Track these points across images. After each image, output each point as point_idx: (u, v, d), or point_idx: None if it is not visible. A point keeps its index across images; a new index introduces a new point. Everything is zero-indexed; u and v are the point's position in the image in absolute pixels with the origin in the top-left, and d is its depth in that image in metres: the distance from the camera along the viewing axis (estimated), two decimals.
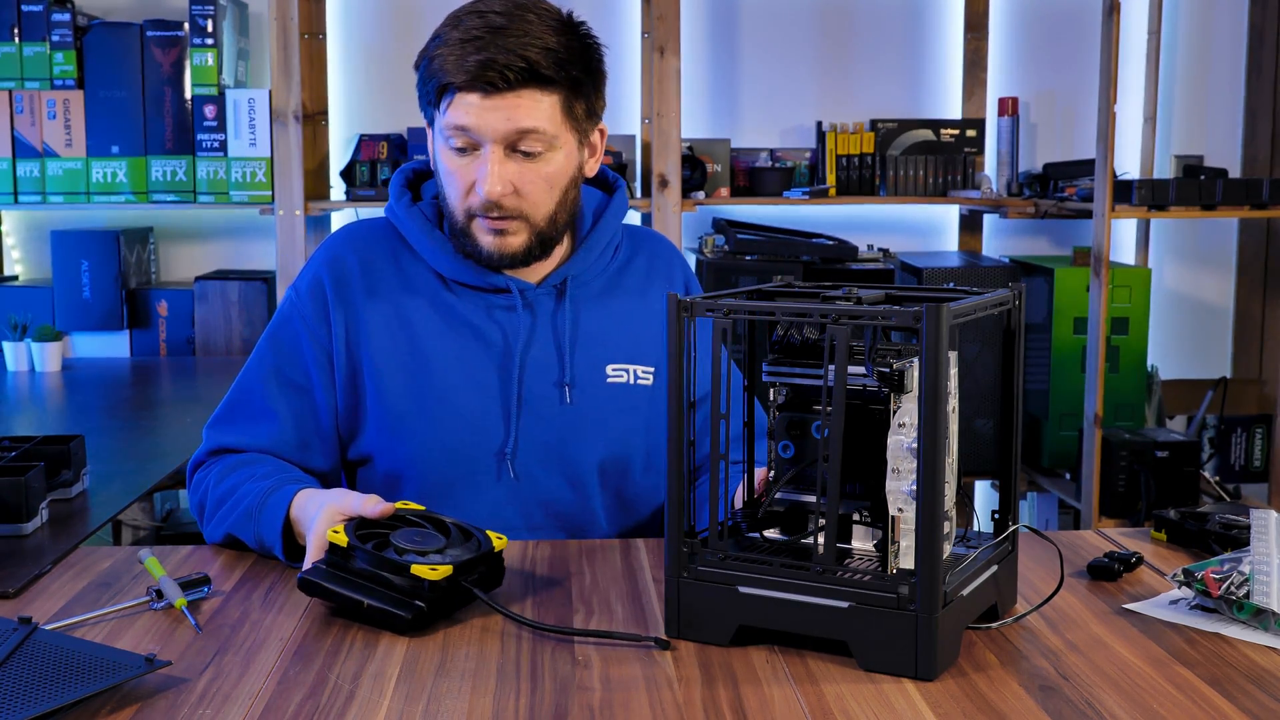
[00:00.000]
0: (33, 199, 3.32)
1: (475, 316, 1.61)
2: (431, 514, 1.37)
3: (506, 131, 1.50)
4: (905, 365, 1.15)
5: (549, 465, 1.61)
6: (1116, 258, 3.76)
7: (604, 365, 1.63)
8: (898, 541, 1.16)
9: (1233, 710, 1.07)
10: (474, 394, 1.59)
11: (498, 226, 1.55)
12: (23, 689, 1.05)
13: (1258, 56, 3.77)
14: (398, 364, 1.59)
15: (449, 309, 1.61)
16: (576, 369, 1.62)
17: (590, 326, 1.64)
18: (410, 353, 1.59)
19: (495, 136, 1.51)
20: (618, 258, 1.70)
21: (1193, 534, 1.52)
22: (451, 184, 1.56)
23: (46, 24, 3.28)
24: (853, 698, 1.09)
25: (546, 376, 1.61)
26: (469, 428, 1.59)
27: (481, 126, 1.50)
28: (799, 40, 3.73)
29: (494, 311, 1.62)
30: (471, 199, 1.55)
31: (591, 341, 1.64)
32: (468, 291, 1.62)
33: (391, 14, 3.64)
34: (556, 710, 1.07)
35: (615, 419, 1.63)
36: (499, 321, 1.61)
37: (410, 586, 1.25)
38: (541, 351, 1.61)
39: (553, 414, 1.61)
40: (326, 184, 3.54)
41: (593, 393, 1.62)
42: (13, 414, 2.73)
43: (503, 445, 1.59)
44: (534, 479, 1.60)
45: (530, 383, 1.60)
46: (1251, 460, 3.74)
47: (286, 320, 1.63)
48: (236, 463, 1.58)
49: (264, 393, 1.61)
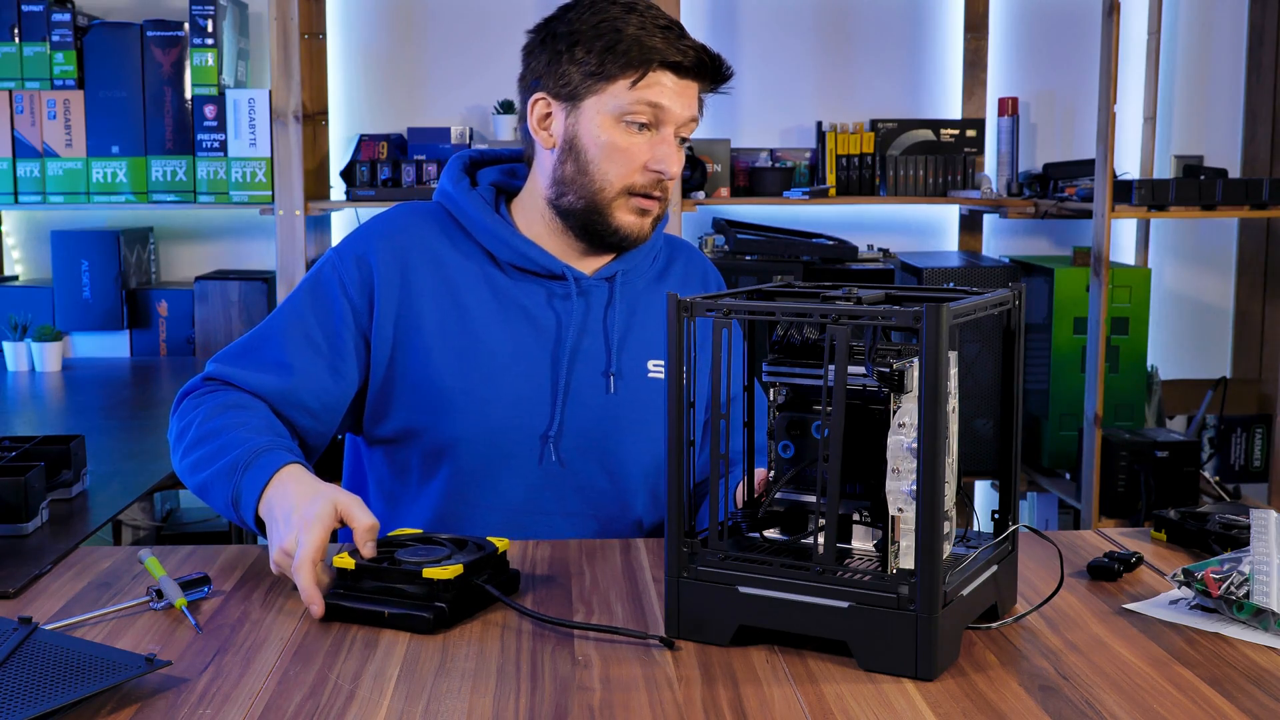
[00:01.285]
0: (33, 199, 3.32)
1: (530, 301, 1.64)
2: (428, 534, 1.38)
3: (688, 117, 1.60)
4: (905, 365, 1.15)
5: (589, 453, 1.63)
6: (1116, 258, 3.76)
7: (646, 360, 1.67)
8: (898, 541, 1.16)
9: (1233, 710, 1.07)
10: (522, 377, 1.61)
11: (647, 207, 1.62)
12: (23, 689, 1.05)
13: (1258, 56, 3.77)
14: (448, 343, 1.60)
15: (503, 292, 1.64)
16: (623, 361, 1.65)
17: (635, 321, 1.67)
18: (462, 332, 1.61)
19: (679, 120, 1.59)
20: (659, 260, 1.75)
21: (1193, 534, 1.52)
22: (617, 159, 1.58)
23: (46, 24, 3.28)
24: (853, 698, 1.09)
25: (594, 365, 1.64)
26: (515, 409, 1.60)
27: (673, 108, 1.58)
28: (799, 40, 3.73)
29: (550, 298, 1.64)
30: (639, 176, 1.59)
31: (636, 336, 1.67)
32: (524, 276, 1.64)
33: (391, 14, 3.64)
34: (556, 710, 1.07)
35: (654, 415, 1.65)
36: (554, 308, 1.64)
37: (426, 591, 1.26)
38: (591, 341, 1.64)
39: (597, 402, 1.63)
40: (326, 184, 3.54)
41: (635, 385, 1.65)
42: (13, 414, 2.73)
43: (546, 429, 1.61)
44: (574, 465, 1.62)
45: (578, 370, 1.63)
46: (1251, 460, 3.74)
47: (327, 283, 1.62)
48: (231, 402, 1.55)
49: (283, 344, 1.59)
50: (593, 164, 1.59)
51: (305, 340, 1.59)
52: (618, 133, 1.58)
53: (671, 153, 1.59)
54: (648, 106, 1.56)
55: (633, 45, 1.55)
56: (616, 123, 1.57)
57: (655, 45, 1.55)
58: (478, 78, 3.66)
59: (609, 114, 1.57)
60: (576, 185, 1.60)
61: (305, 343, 1.59)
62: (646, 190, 1.60)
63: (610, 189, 1.59)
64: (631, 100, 1.56)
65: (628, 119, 1.57)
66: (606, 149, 1.58)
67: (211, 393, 1.58)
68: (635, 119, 1.57)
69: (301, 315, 1.61)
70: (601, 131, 1.58)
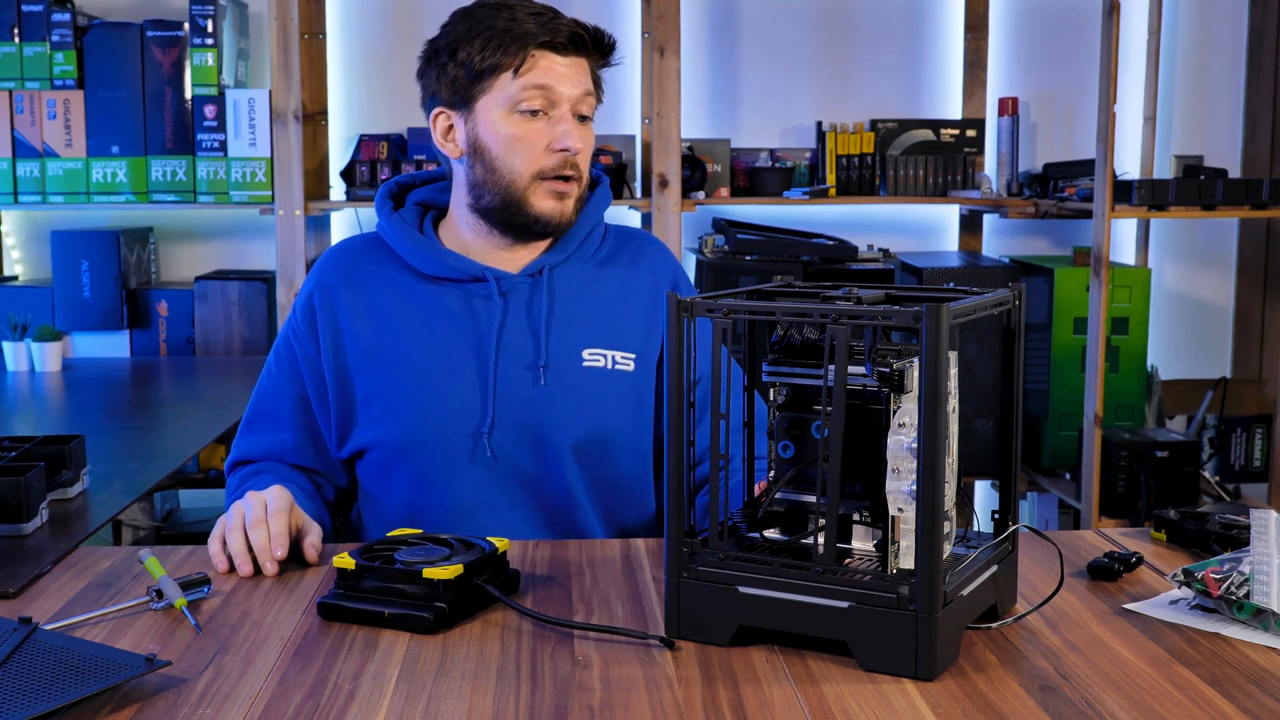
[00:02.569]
0: (33, 199, 3.32)
1: (453, 306, 1.68)
2: (429, 535, 1.38)
3: (580, 93, 1.63)
4: (905, 365, 1.15)
5: (524, 444, 1.66)
6: (1116, 258, 3.76)
7: (580, 349, 1.68)
8: (898, 541, 1.16)
9: (1233, 710, 1.07)
10: (452, 379, 1.66)
11: (563, 189, 1.65)
12: (23, 689, 1.05)
13: (1258, 56, 3.77)
14: (380, 360, 1.67)
15: (428, 302, 1.68)
16: (551, 352, 1.67)
17: (568, 313, 1.70)
18: (393, 348, 1.67)
19: (572, 97, 1.63)
20: (602, 250, 1.76)
21: (1193, 534, 1.52)
22: (519, 149, 1.63)
23: (46, 24, 3.28)
24: (853, 698, 1.09)
25: (522, 359, 1.67)
26: (449, 411, 1.65)
27: (560, 87, 1.61)
28: (799, 40, 3.73)
29: (472, 300, 1.68)
30: (545, 159, 1.63)
31: (569, 327, 1.69)
32: (447, 284, 1.69)
33: (391, 14, 3.64)
34: (556, 710, 1.07)
35: (590, 402, 1.67)
36: (475, 309, 1.68)
37: (426, 591, 1.26)
38: (518, 336, 1.67)
39: (528, 395, 1.66)
40: (326, 184, 3.54)
41: (568, 375, 1.67)
42: (13, 414, 2.73)
43: (479, 425, 1.64)
44: (510, 458, 1.65)
45: (506, 366, 1.66)
46: (1251, 460, 3.74)
47: (285, 338, 1.74)
48: (246, 474, 1.71)
49: (270, 408, 1.73)
50: (498, 159, 1.63)
51: (286, 396, 1.72)
52: (514, 124, 1.62)
53: (571, 129, 1.62)
54: (536, 90, 1.61)
55: (505, 36, 1.60)
56: (510, 114, 1.62)
57: (528, 30, 1.60)
58: None
59: (501, 108, 1.62)
60: (489, 184, 1.65)
61: (287, 398, 1.72)
62: (557, 171, 1.64)
63: (520, 179, 1.63)
64: (518, 88, 1.60)
65: (521, 108, 1.61)
66: (507, 141, 1.62)
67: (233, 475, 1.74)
68: (528, 106, 1.61)
69: (277, 376, 1.74)
70: (499, 126, 1.62)
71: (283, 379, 1.73)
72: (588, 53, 1.64)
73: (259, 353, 3.39)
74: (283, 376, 1.73)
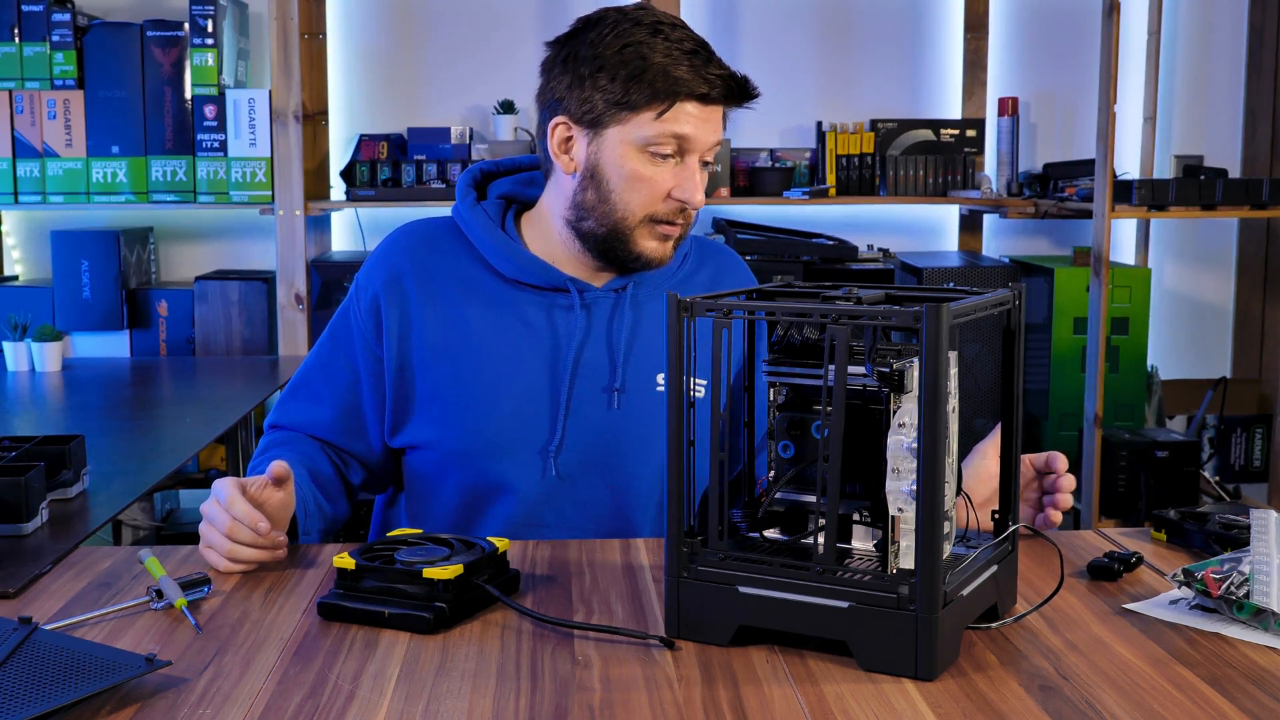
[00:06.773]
0: (33, 199, 3.32)
1: (532, 315, 1.63)
2: (429, 535, 1.38)
3: (713, 142, 1.57)
4: (905, 365, 1.14)
5: (590, 468, 1.61)
6: (1116, 258, 3.76)
7: (655, 374, 1.64)
8: (898, 541, 1.16)
9: (1233, 710, 1.07)
10: (521, 390, 1.61)
11: (671, 233, 1.60)
12: (23, 689, 1.05)
13: (1258, 56, 3.77)
14: (448, 358, 1.61)
15: (505, 306, 1.63)
16: (628, 376, 1.62)
17: (648, 334, 1.65)
18: (462, 347, 1.61)
19: (705, 147, 1.57)
20: (684, 267, 1.71)
21: (1192, 534, 1.52)
22: (640, 189, 1.56)
23: (46, 24, 3.28)
24: (853, 698, 1.09)
25: (598, 381, 1.62)
26: (514, 423, 1.60)
27: (699, 137, 1.55)
28: (799, 40, 3.73)
29: (552, 311, 1.63)
30: (662, 205, 1.57)
31: (647, 349, 1.64)
32: (528, 290, 1.63)
33: (391, 14, 3.64)
34: (556, 710, 1.07)
35: (659, 430, 1.61)
36: (555, 321, 1.62)
37: (426, 591, 1.26)
38: (596, 354, 1.62)
39: (599, 418, 1.61)
40: (326, 184, 3.54)
41: (640, 401, 1.62)
42: (13, 414, 2.73)
43: (547, 443, 1.60)
44: (574, 480, 1.61)
45: (581, 385, 1.61)
46: (1251, 460, 3.74)
47: (344, 316, 1.69)
48: (276, 440, 1.69)
49: (317, 381, 1.69)
50: (615, 192, 1.57)
51: (333, 376, 1.68)
52: (641, 162, 1.55)
53: (695, 182, 1.56)
54: (673, 138, 1.53)
55: (659, 76, 1.51)
56: (640, 152, 1.54)
57: (682, 76, 1.51)
58: (478, 78, 3.66)
59: (633, 144, 1.54)
60: (598, 212, 1.58)
61: (334, 378, 1.68)
62: (669, 218, 1.58)
63: (633, 218, 1.57)
64: (656, 132, 1.53)
65: (652, 149, 1.54)
66: (629, 178, 1.55)
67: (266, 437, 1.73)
68: (660, 150, 1.54)
69: (329, 354, 1.69)
70: (625, 161, 1.55)
71: (335, 357, 1.67)
72: (730, 101, 1.57)
73: (259, 353, 3.39)
74: (336, 354, 1.67)
